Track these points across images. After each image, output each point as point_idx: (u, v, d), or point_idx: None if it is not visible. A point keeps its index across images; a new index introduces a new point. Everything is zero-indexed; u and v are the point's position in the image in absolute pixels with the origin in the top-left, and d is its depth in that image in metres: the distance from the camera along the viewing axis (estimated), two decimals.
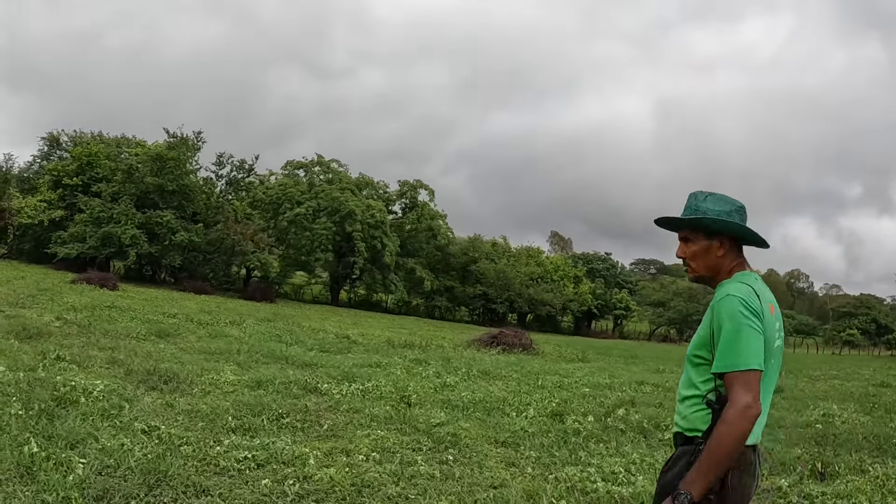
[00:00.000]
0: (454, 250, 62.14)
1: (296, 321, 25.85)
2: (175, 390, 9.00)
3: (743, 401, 2.36)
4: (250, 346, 14.99)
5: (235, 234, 42.95)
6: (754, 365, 2.42)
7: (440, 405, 9.98)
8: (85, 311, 17.39)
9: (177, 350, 13.22)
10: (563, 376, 16.53)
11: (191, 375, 10.08)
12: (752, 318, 2.47)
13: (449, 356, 18.22)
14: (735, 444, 2.36)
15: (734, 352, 2.44)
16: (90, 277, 31.03)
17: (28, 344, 11.29)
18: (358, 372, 12.56)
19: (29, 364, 9.14)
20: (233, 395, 9.05)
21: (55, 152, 51.27)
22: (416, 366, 15.36)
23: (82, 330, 14.26)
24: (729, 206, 2.71)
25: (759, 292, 2.57)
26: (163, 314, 20.06)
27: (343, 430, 7.86)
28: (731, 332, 2.45)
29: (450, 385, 12.31)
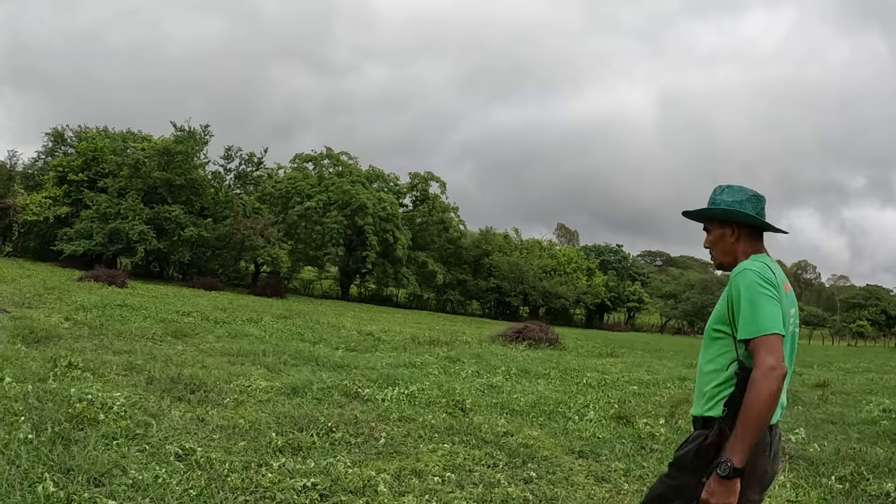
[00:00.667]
0: (466, 243, 60.97)
1: (312, 317, 24.85)
2: (204, 401, 7.97)
3: (768, 363, 2.44)
4: (274, 346, 14.09)
5: (245, 228, 41.82)
6: (775, 329, 2.51)
7: (496, 410, 9.37)
8: (95, 311, 16.37)
9: (197, 352, 12.22)
10: (602, 373, 15.87)
11: (219, 382, 9.09)
12: (769, 287, 2.59)
13: (479, 353, 17.52)
14: (766, 405, 2.42)
15: (754, 319, 2.53)
16: (98, 275, 29.96)
17: (36, 349, 10.27)
18: (395, 373, 11.77)
19: (38, 373, 8.11)
20: (269, 405, 8.05)
21: (60, 148, 50.16)
22: (451, 365, 14.60)
23: (94, 331, 13.24)
24: (741, 196, 2.87)
25: (773, 269, 2.68)
26: (176, 312, 19.02)
27: (403, 445, 6.99)
28: (750, 301, 2.57)
29: (496, 386, 11.67)
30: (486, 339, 24.43)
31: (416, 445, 6.93)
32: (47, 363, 8.91)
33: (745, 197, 2.88)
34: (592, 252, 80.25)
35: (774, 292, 2.61)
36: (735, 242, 2.90)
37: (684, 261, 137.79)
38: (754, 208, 2.87)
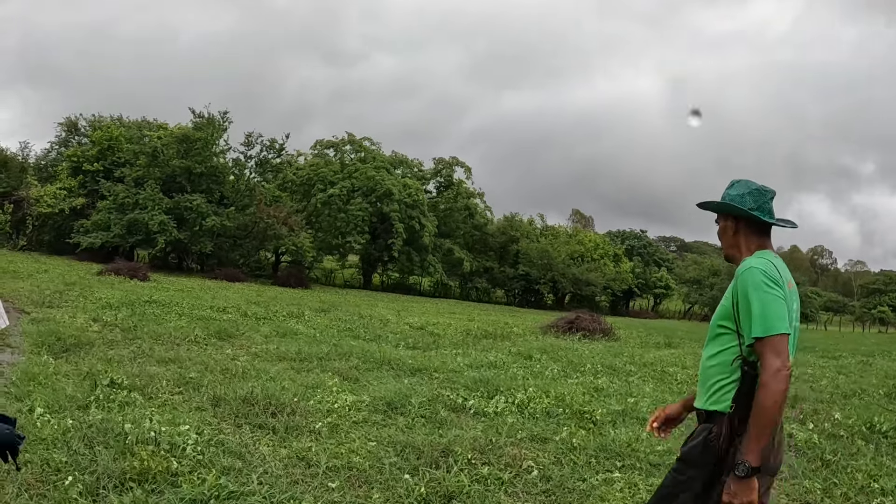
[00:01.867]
0: (492, 230, 59.06)
1: (351, 310, 23.08)
2: (292, 428, 6.25)
3: (775, 364, 2.49)
4: (331, 345, 12.49)
5: (269, 217, 40.07)
6: (782, 329, 2.55)
7: (626, 419, 8.01)
8: (124, 310, 14.69)
9: (251, 357, 10.54)
10: (684, 367, 14.33)
11: (296, 400, 7.38)
12: (774, 287, 2.60)
13: (544, 347, 16.00)
14: (776, 405, 2.48)
15: (761, 319, 2.55)
16: (118, 268, 28.28)
17: (66, 360, 8.55)
18: (483, 377, 10.07)
19: (76, 398, 6.37)
20: (374, 430, 6.37)
21: (73, 138, 48.60)
22: (528, 362, 13.14)
23: (127, 334, 11.54)
24: (742, 190, 2.88)
25: (778, 267, 2.71)
26: (210, 308, 17.30)
27: (564, 477, 5.41)
28: (757, 301, 2.58)
29: (602, 388, 10.29)
30: (535, 330, 22.76)
31: (583, 477, 5.40)
32: (83, 381, 7.20)
33: (748, 191, 2.87)
34: (616, 238, 78.29)
35: (780, 291, 2.61)
36: (735, 235, 2.91)
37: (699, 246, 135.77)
38: (755, 202, 2.85)
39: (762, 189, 2.89)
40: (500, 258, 59.16)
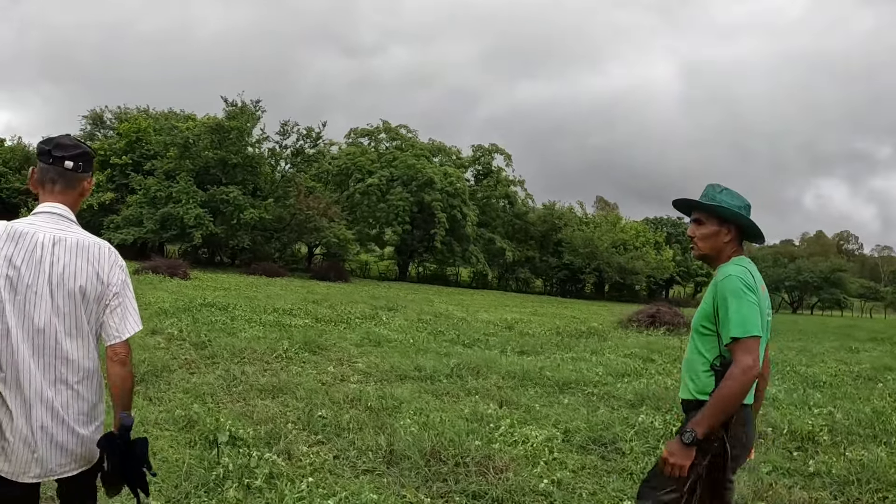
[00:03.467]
0: (533, 218, 56.73)
1: (414, 307, 21.08)
2: (514, 491, 4.13)
3: (745, 362, 2.71)
4: (440, 354, 10.89)
5: (309, 208, 38.03)
6: (754, 332, 2.77)
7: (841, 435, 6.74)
8: (183, 317, 12.78)
9: (363, 377, 8.73)
10: (807, 365, 13.24)
11: (485, 448, 5.28)
12: (749, 293, 2.84)
13: (653, 346, 14.60)
14: (737, 396, 2.71)
15: (738, 322, 2.77)
16: (156, 265, 26.37)
17: (148, 398, 6.53)
18: (638, 389, 8.73)
19: (197, 474, 4.25)
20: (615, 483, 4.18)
21: (99, 131, 46.89)
22: (655, 366, 11.67)
23: (202, 351, 9.54)
24: (740, 202, 3.05)
25: (752, 273, 2.94)
26: (274, 311, 15.36)
27: None
28: (734, 305, 2.81)
29: (776, 399, 8.81)
30: (614, 325, 21.18)
31: None
32: (190, 436, 5.10)
33: (744, 204, 3.05)
34: (652, 225, 75.79)
35: (754, 297, 2.84)
36: (728, 242, 3.05)
37: None
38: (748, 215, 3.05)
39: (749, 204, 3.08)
40: (541, 247, 56.88)
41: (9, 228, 2.38)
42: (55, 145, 2.50)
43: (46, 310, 2.38)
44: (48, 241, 2.40)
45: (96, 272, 2.45)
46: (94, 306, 2.47)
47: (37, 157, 2.55)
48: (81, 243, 2.45)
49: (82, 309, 2.44)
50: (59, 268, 2.40)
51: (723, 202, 3.03)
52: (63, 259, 2.41)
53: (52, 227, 2.44)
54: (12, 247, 2.36)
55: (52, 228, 2.44)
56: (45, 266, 2.38)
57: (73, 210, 2.55)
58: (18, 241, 2.37)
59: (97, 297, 2.46)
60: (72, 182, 2.53)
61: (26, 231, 2.39)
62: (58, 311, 2.40)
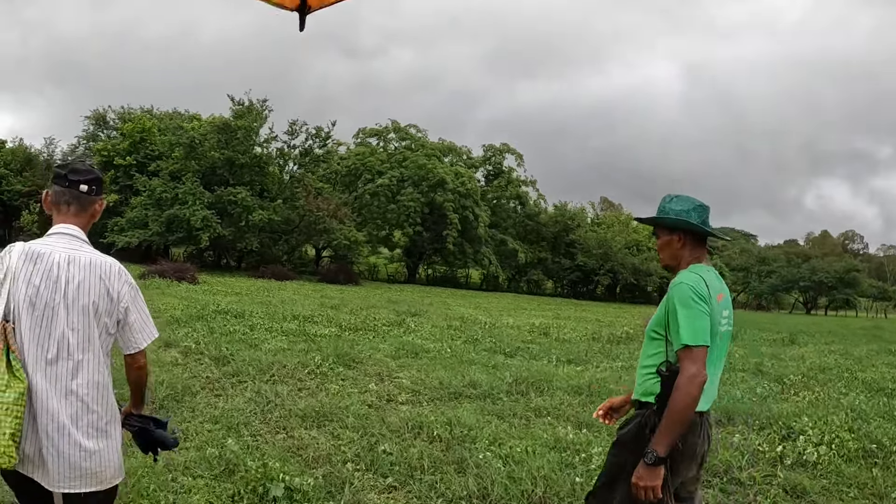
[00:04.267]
0: (545, 219, 55.52)
1: (435, 311, 20.03)
2: None
3: (690, 371, 2.68)
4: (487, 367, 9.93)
5: (318, 209, 36.90)
6: (700, 341, 2.74)
7: None
8: (198, 326, 11.74)
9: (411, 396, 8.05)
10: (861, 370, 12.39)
11: (568, 476, 4.30)
12: (700, 303, 2.79)
13: None
14: (688, 406, 2.68)
15: (685, 331, 2.74)
16: (163, 270, 25.22)
17: (174, 431, 5.28)
18: (721, 405, 7.57)
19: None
20: None
21: (102, 131, 45.69)
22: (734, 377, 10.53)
23: (224, 367, 8.48)
24: (688, 206, 3.01)
25: (708, 282, 2.88)
26: (294, 318, 14.30)
27: None
28: (683, 314, 2.78)
29: (858, 409, 8.05)
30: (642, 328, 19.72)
31: None
32: (244, 492, 4.00)
33: (692, 206, 3.00)
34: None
35: (704, 306, 2.79)
36: (681, 248, 3.01)
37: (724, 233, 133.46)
38: (699, 217, 3.00)
39: (703, 205, 3.04)
40: (553, 248, 55.70)
41: (27, 249, 2.51)
42: (71, 170, 2.65)
43: (61, 325, 2.47)
44: (63, 261, 2.52)
45: (107, 289, 2.55)
46: (106, 320, 2.56)
47: (52, 181, 2.68)
48: (94, 262, 2.56)
49: (94, 324, 2.52)
50: (73, 285, 2.49)
51: (670, 211, 3.02)
52: (77, 276, 2.51)
53: (66, 247, 2.56)
54: (31, 266, 2.48)
55: (67, 248, 2.55)
56: (62, 284, 2.48)
57: (85, 230, 2.67)
58: (37, 262, 2.49)
59: (108, 311, 2.56)
60: (85, 205, 2.66)
61: (43, 252, 2.52)
62: (71, 325, 2.48)
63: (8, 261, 2.49)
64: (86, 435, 2.49)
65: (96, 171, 2.73)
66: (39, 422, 2.43)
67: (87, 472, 2.50)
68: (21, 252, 2.49)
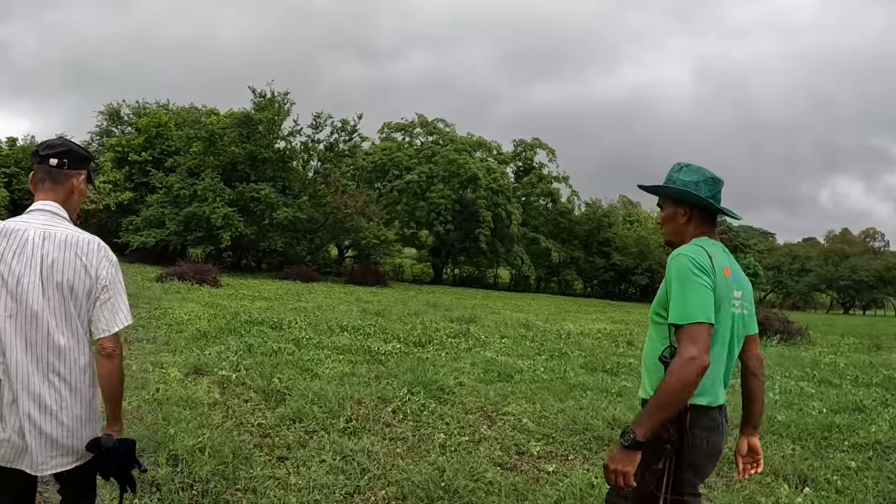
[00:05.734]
0: (577, 217, 53.04)
1: (487, 317, 17.85)
2: None
3: (689, 352, 2.34)
4: (603, 391, 8.03)
5: (346, 207, 34.65)
6: (701, 318, 2.40)
7: None
8: (232, 344, 9.37)
9: (549, 445, 5.65)
10: None
11: None
12: (700, 274, 2.47)
13: (787, 362, 12.30)
14: (677, 391, 2.34)
15: (682, 306, 2.43)
16: (182, 272, 22.97)
17: None
18: None
19: None
20: None
21: (116, 127, 43.63)
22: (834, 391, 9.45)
23: (280, 409, 6.22)
24: (697, 177, 2.72)
25: (711, 253, 2.57)
26: (342, 330, 12.03)
27: None
28: (679, 287, 2.47)
29: None
30: None
31: None
32: None
33: (703, 178, 2.73)
34: None
35: (707, 279, 2.48)
36: (686, 223, 2.76)
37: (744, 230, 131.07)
38: (710, 191, 2.72)
39: (716, 178, 2.76)
40: (586, 247, 53.22)
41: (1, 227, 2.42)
42: (44, 146, 2.59)
43: (38, 303, 2.39)
44: (38, 237, 2.44)
45: (84, 266, 2.47)
46: (84, 300, 2.49)
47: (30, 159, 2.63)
48: (70, 238, 2.48)
49: (71, 303, 2.46)
50: (48, 262, 2.42)
51: (677, 181, 2.75)
52: (52, 253, 2.43)
53: (41, 224, 2.48)
54: (4, 243, 2.40)
55: (42, 224, 2.48)
56: (37, 261, 2.41)
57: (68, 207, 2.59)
58: (10, 238, 2.41)
59: (86, 291, 2.48)
60: (58, 179, 2.58)
61: (17, 228, 2.44)
62: (49, 304, 2.41)
63: None
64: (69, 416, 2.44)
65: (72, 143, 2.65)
66: (20, 403, 2.38)
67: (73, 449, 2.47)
68: None
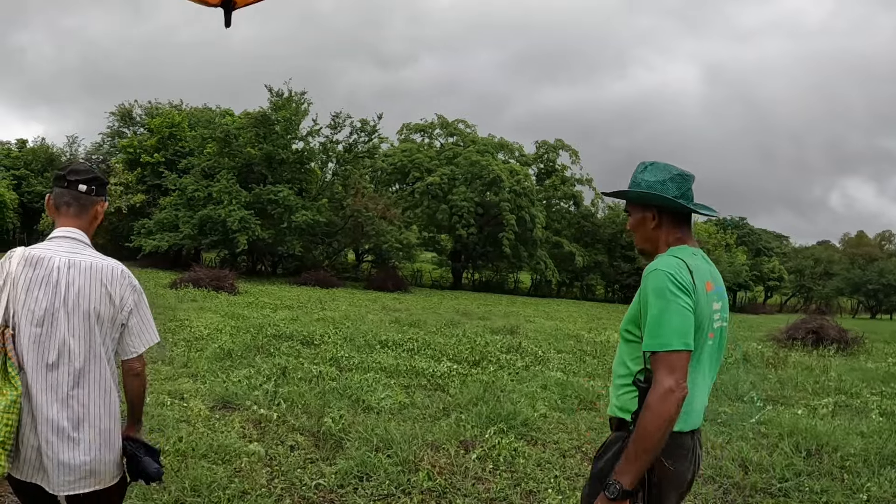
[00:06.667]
0: (601, 220, 51.48)
1: (518, 323, 16.49)
2: None
3: (665, 384, 2.12)
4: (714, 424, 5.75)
5: (367, 210, 33.29)
6: (678, 346, 2.16)
7: None
8: (262, 365, 8.01)
9: None
10: None
11: None
12: (680, 295, 2.20)
13: (861, 379, 10.96)
14: (659, 429, 2.13)
15: (658, 331, 2.18)
16: (197, 277, 21.70)
17: None
18: None
19: None
20: None
21: (128, 128, 42.52)
22: None
23: (338, 462, 4.69)
24: (663, 175, 2.43)
25: (692, 268, 2.29)
26: (380, 344, 10.71)
27: None
28: (657, 309, 2.20)
29: None
30: (759, 340, 17.54)
31: None
32: None
33: (669, 176, 2.41)
34: (718, 226, 70.23)
35: (687, 301, 2.19)
36: (656, 228, 2.43)
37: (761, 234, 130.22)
38: (677, 189, 2.40)
39: (684, 174, 2.44)
40: (609, 251, 51.65)
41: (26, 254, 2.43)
42: (70, 171, 2.58)
43: (61, 331, 2.38)
44: (63, 265, 2.43)
45: (108, 294, 2.46)
46: (108, 326, 2.47)
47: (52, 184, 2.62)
48: (95, 266, 2.47)
49: (97, 330, 2.44)
50: (73, 290, 2.41)
51: (641, 182, 2.44)
52: (77, 281, 2.43)
53: (66, 251, 2.47)
54: (31, 272, 2.40)
55: (67, 252, 2.47)
56: (62, 289, 2.40)
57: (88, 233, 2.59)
58: (36, 267, 2.42)
59: (111, 318, 2.47)
60: (86, 206, 2.57)
61: (43, 256, 2.44)
62: (73, 332, 2.40)
63: (8, 266, 2.42)
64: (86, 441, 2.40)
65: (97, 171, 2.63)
66: (39, 428, 2.35)
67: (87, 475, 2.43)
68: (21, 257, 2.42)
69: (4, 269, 2.41)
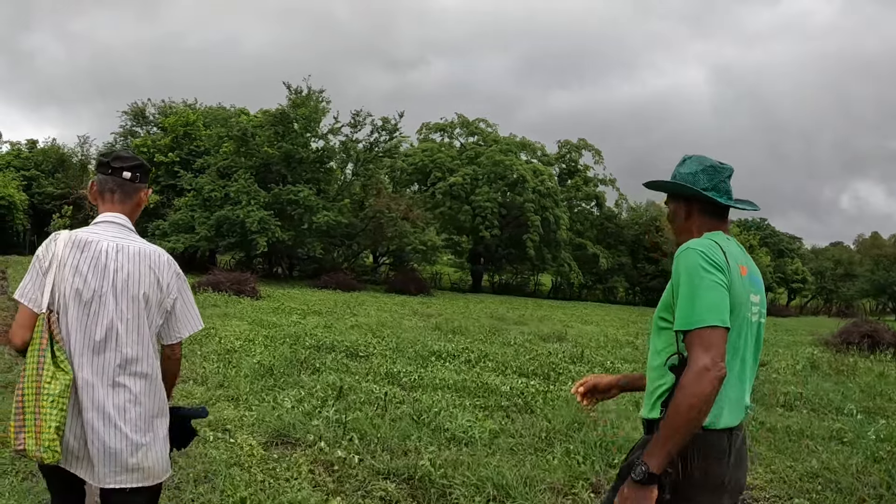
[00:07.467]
0: (624, 221, 50.28)
1: (559, 329, 15.36)
2: None
3: (702, 361, 1.94)
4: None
5: (391, 210, 32.20)
6: (715, 321, 1.98)
7: None
8: (314, 387, 6.93)
9: None
10: None
11: None
12: (713, 272, 2.06)
13: None
14: (693, 408, 1.93)
15: (692, 308, 2.01)
16: (217, 281, 20.63)
17: None
18: None
19: None
20: None
21: (141, 127, 41.57)
22: None
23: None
24: (695, 167, 2.34)
25: (725, 249, 2.15)
26: (433, 355, 9.60)
27: None
28: (689, 286, 2.05)
29: None
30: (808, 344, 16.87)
31: None
32: None
33: (701, 168, 2.32)
34: (739, 227, 68.93)
35: (721, 277, 2.04)
36: (688, 220, 2.33)
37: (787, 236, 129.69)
38: (710, 181, 2.29)
39: (717, 166, 2.33)
40: (632, 253, 50.42)
41: (74, 237, 2.40)
42: (114, 157, 2.55)
43: (109, 315, 2.34)
44: (112, 249, 2.40)
45: (157, 279, 2.43)
46: (156, 311, 2.44)
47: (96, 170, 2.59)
48: (142, 251, 2.45)
49: (144, 315, 2.40)
50: (122, 275, 2.38)
51: (677, 174, 2.38)
52: (126, 266, 2.39)
53: (112, 236, 2.44)
54: (79, 254, 2.36)
55: (114, 237, 2.44)
56: (110, 272, 2.37)
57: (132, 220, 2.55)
58: (84, 250, 2.38)
59: (158, 302, 2.44)
60: (129, 192, 2.55)
61: (91, 240, 2.40)
62: (121, 316, 2.35)
63: (53, 248, 2.37)
64: (133, 429, 2.33)
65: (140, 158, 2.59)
66: (85, 415, 2.28)
67: (135, 468, 2.35)
68: (67, 240, 2.38)
69: (50, 251, 2.37)
